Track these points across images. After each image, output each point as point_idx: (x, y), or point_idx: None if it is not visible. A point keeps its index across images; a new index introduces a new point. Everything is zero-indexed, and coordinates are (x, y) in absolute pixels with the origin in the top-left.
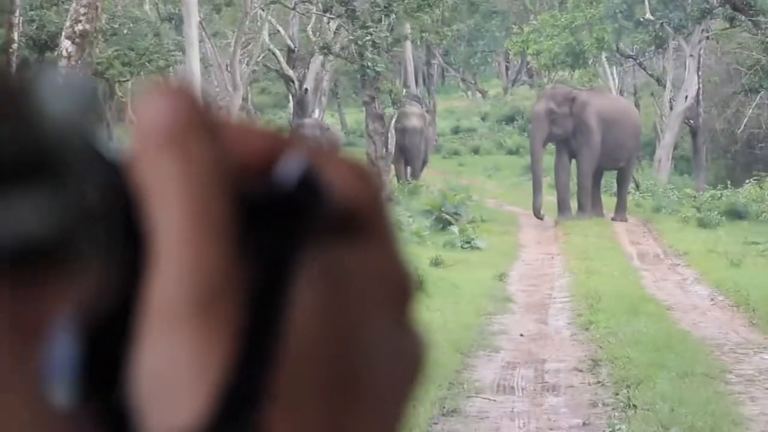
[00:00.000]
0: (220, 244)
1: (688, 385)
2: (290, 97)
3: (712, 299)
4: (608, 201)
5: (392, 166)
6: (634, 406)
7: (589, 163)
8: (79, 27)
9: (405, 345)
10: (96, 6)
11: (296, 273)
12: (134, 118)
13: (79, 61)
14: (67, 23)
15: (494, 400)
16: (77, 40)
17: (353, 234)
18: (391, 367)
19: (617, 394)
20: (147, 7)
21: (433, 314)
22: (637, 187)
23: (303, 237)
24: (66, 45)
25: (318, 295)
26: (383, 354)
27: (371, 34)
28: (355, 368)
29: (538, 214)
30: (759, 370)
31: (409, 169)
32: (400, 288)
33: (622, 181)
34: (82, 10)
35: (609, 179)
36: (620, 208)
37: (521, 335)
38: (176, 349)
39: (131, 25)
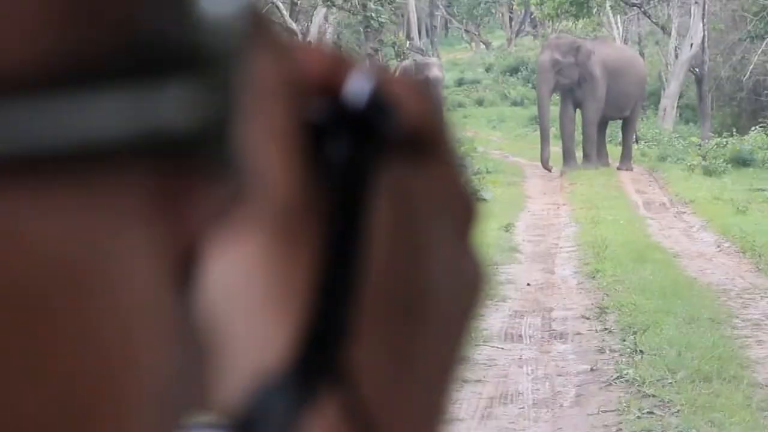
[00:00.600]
0: (296, 159)
1: (695, 330)
2: None
3: (718, 246)
4: (614, 150)
5: None
6: (641, 351)
7: (595, 113)
8: None
9: (467, 267)
10: None
11: (370, 194)
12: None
13: None
14: None
15: (502, 348)
16: None
17: (419, 154)
18: (455, 289)
19: (624, 340)
20: None
21: None
22: (637, 141)
23: (373, 156)
24: None
25: (388, 215)
26: (448, 276)
27: None
28: (423, 290)
29: (546, 165)
30: (765, 314)
31: None
32: (463, 210)
33: (627, 131)
34: None
35: (614, 129)
36: (625, 158)
37: (528, 284)
38: (255, 265)
39: None
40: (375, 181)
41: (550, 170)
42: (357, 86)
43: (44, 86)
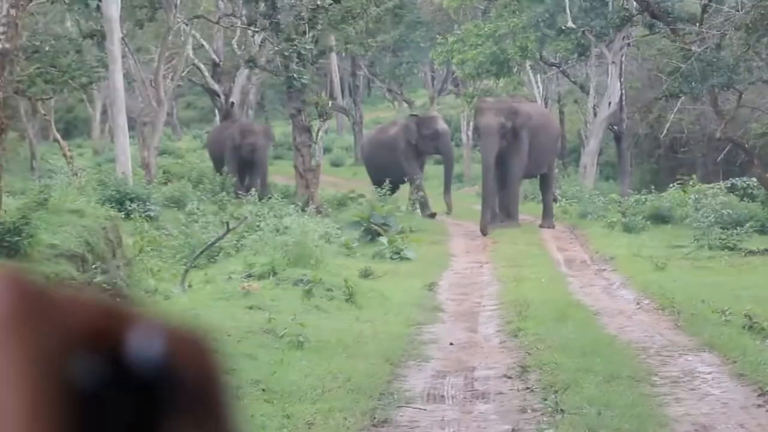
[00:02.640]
0: (50, 428)
1: (615, 389)
2: (216, 111)
3: (638, 303)
4: (535, 208)
5: (320, 179)
6: (562, 410)
7: (520, 171)
8: None
9: None
10: (16, 24)
11: None
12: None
13: (1, 80)
14: None
15: (425, 410)
16: None
17: (193, 410)
18: None
19: (545, 399)
20: (68, 24)
21: (363, 325)
22: (556, 200)
23: (152, 417)
24: None
25: None
26: None
27: (296, 46)
28: None
29: (485, 231)
30: (684, 371)
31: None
32: None
33: (546, 188)
34: (1, 29)
35: (533, 186)
36: (547, 215)
37: (451, 344)
38: None
39: (53, 42)
40: None
41: (486, 235)
42: (135, 343)
43: None
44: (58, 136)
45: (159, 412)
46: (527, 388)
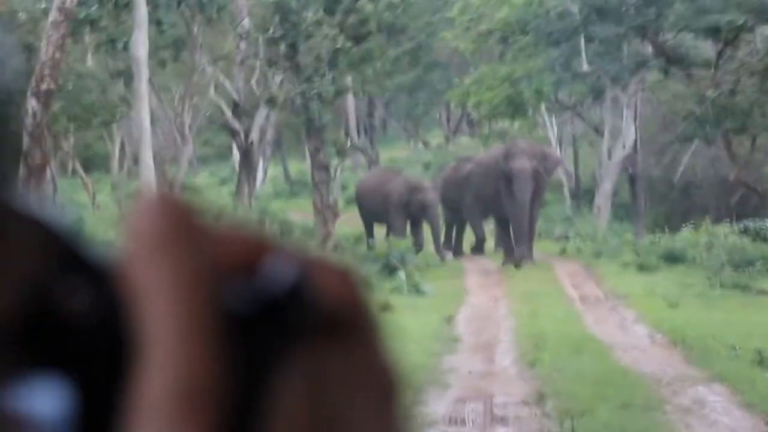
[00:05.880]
0: (207, 349)
1: (628, 416)
2: (233, 149)
3: (651, 338)
4: (548, 246)
5: (340, 215)
6: None
7: (537, 212)
8: (44, 86)
9: None
10: (59, 65)
11: (279, 378)
12: (126, 224)
13: (44, 119)
14: (32, 82)
15: (448, 431)
16: (42, 98)
17: (338, 337)
18: None
19: (562, 425)
20: (89, 62)
21: None
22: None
23: (288, 341)
24: (32, 103)
25: (301, 398)
26: None
27: (317, 87)
28: None
29: (520, 264)
30: (694, 400)
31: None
32: (384, 391)
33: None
34: (47, 71)
35: (548, 224)
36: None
37: (469, 373)
38: None
39: (77, 80)
40: (286, 365)
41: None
42: (278, 270)
43: None
44: (82, 172)
45: (302, 337)
46: (544, 414)
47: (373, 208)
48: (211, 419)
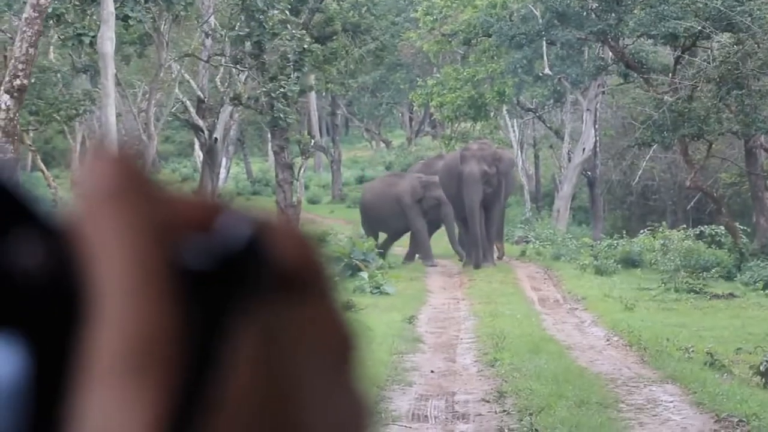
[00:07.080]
0: (159, 305)
1: (585, 413)
2: (196, 146)
3: (607, 339)
4: (510, 249)
5: (300, 215)
6: (536, 430)
7: (498, 214)
8: (18, 82)
9: (347, 401)
10: (32, 61)
11: (233, 331)
12: (77, 178)
13: (17, 114)
14: (6, 78)
15: (410, 428)
16: (15, 94)
17: (292, 295)
18: (334, 424)
19: (521, 421)
20: (52, 56)
21: None
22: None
23: (243, 298)
24: (5, 99)
25: (256, 353)
26: (326, 410)
27: (283, 87)
28: (296, 425)
29: (479, 265)
30: (648, 400)
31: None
32: (338, 347)
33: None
34: (21, 66)
35: (508, 227)
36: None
37: (432, 371)
38: (112, 406)
39: (39, 74)
40: (240, 319)
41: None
42: (233, 228)
43: None
44: (44, 167)
45: (257, 293)
46: (504, 411)
47: (383, 214)
48: (164, 375)
